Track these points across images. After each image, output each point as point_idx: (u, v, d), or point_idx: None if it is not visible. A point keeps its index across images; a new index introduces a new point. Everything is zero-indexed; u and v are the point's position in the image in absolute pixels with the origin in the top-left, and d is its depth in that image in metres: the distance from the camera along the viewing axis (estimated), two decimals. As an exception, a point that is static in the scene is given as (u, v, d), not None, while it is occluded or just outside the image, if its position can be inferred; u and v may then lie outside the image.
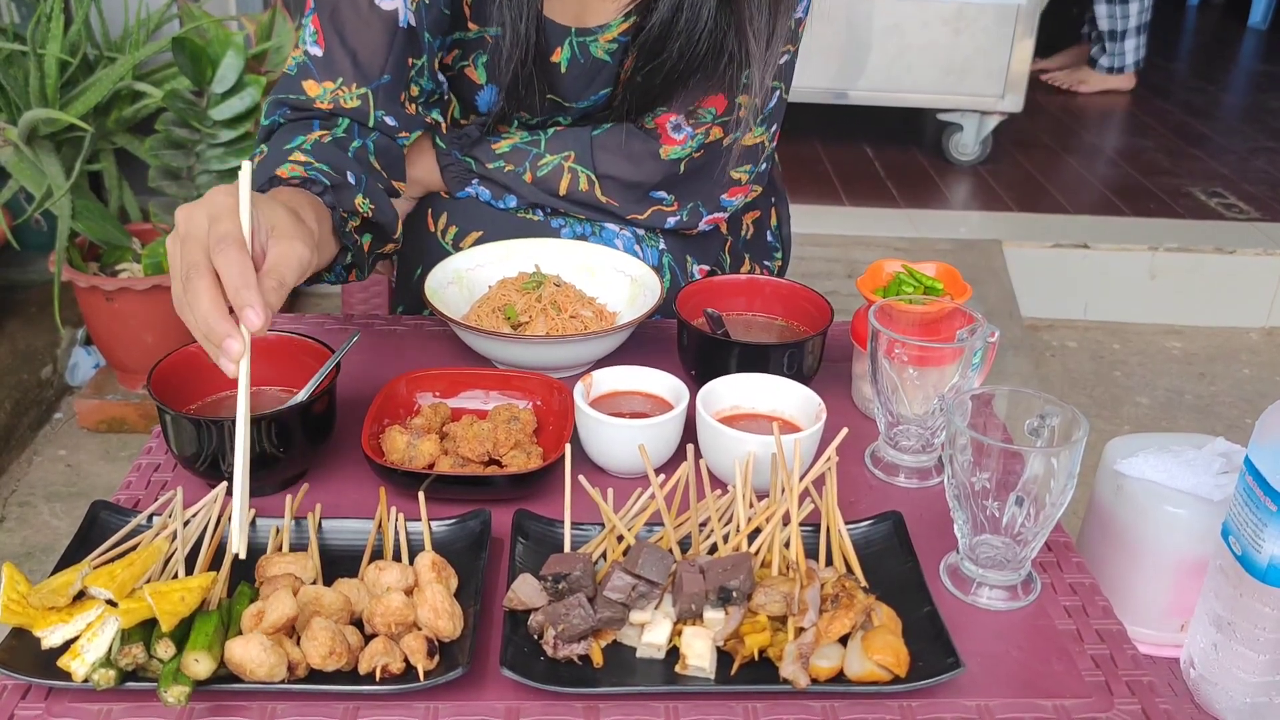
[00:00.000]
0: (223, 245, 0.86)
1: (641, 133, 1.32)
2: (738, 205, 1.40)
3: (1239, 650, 0.94)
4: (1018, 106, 3.60)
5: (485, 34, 1.25)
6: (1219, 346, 3.13)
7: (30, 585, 0.81)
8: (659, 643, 0.82)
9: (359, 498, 1.01)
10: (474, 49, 1.27)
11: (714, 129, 1.32)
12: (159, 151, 2.39)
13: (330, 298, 3.06)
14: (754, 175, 1.38)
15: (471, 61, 1.28)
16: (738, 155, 1.35)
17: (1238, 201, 3.55)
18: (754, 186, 1.40)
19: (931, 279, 1.18)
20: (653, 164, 1.32)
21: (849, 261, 3.08)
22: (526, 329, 1.20)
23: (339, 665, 0.79)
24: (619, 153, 1.32)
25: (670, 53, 1.22)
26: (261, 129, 1.23)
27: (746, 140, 1.35)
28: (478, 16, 1.25)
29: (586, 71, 1.29)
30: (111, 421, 2.57)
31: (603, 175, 1.32)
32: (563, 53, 1.27)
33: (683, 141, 1.31)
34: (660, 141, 1.31)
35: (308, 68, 1.20)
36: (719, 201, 1.38)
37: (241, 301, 0.84)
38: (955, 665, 0.80)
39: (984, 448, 0.86)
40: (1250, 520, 0.91)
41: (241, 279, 0.85)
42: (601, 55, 1.28)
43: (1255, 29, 6.01)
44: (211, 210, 0.88)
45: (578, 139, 1.32)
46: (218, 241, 0.86)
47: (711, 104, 1.30)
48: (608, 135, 1.32)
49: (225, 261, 0.85)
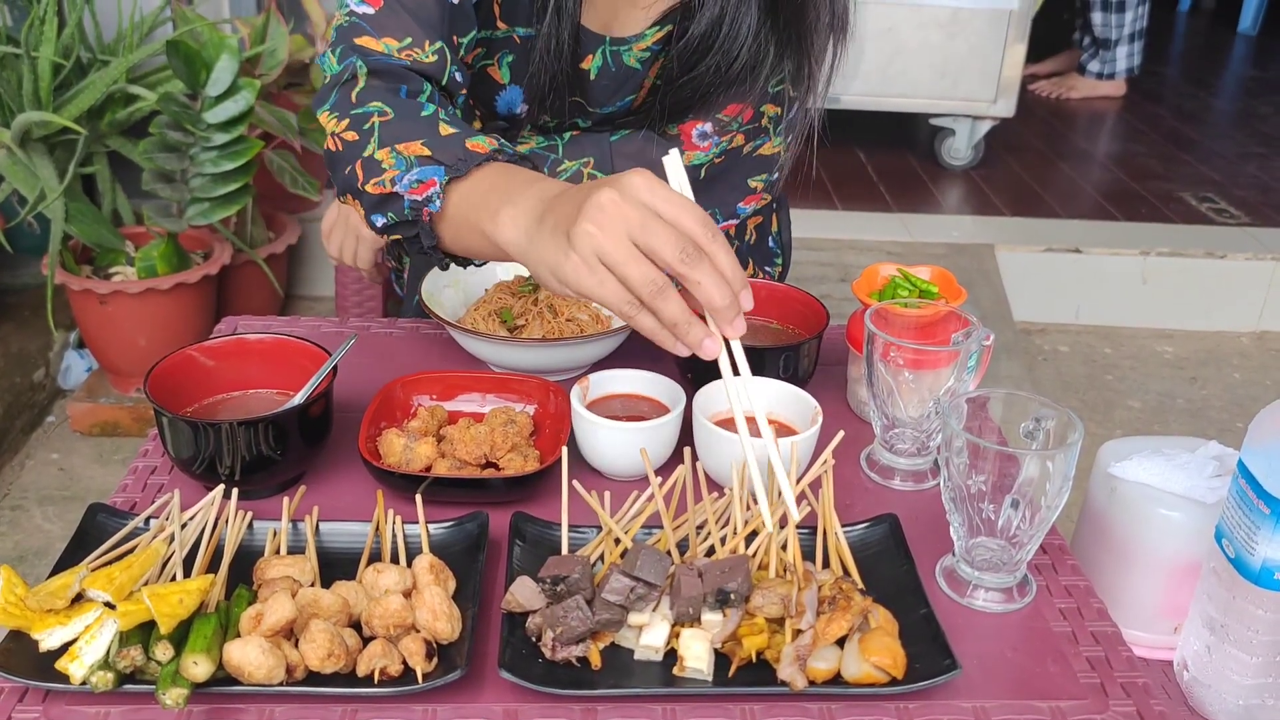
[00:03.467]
0: (718, 238, 0.84)
1: (661, 139, 1.29)
2: (749, 213, 1.40)
3: (1232, 653, 0.94)
4: (1010, 111, 3.61)
5: (514, 33, 1.22)
6: (1210, 350, 3.15)
7: (28, 587, 0.81)
8: (657, 645, 0.83)
9: (356, 500, 1.01)
10: (500, 48, 1.24)
11: (737, 136, 1.30)
12: (153, 154, 2.39)
13: (325, 300, 3.06)
14: (768, 184, 1.38)
15: (496, 61, 1.25)
16: (755, 164, 1.34)
17: (1228, 206, 3.57)
18: (765, 195, 1.39)
19: (926, 282, 1.18)
20: None
21: (842, 265, 3.09)
22: (523, 332, 1.20)
23: (337, 667, 0.79)
24: (639, 159, 1.28)
25: (708, 66, 1.19)
26: (331, 77, 1.12)
27: (765, 149, 1.34)
28: (507, 16, 1.21)
29: (616, 79, 1.27)
30: (104, 425, 2.56)
31: None
32: (594, 61, 1.24)
33: (706, 149, 1.29)
34: (683, 148, 1.29)
35: (359, 26, 1.11)
36: (735, 209, 1.37)
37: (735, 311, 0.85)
38: (952, 667, 0.81)
39: (980, 450, 0.87)
40: (1243, 523, 0.91)
41: (739, 277, 0.84)
42: (633, 64, 1.25)
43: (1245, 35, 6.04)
44: (670, 196, 0.84)
45: (596, 145, 1.29)
46: (714, 236, 0.83)
47: (736, 111, 1.28)
48: (626, 142, 1.29)
49: (727, 258, 0.84)
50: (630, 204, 0.82)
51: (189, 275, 2.48)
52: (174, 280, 2.46)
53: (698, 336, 0.85)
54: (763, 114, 1.29)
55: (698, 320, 0.85)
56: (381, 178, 1.02)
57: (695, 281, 0.83)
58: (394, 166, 1.02)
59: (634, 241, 0.82)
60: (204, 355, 1.07)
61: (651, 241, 0.82)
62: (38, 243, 2.67)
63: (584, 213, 0.83)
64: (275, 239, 2.82)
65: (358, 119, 1.06)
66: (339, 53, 1.12)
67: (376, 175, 1.03)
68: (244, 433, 0.95)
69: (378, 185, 1.03)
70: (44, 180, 2.39)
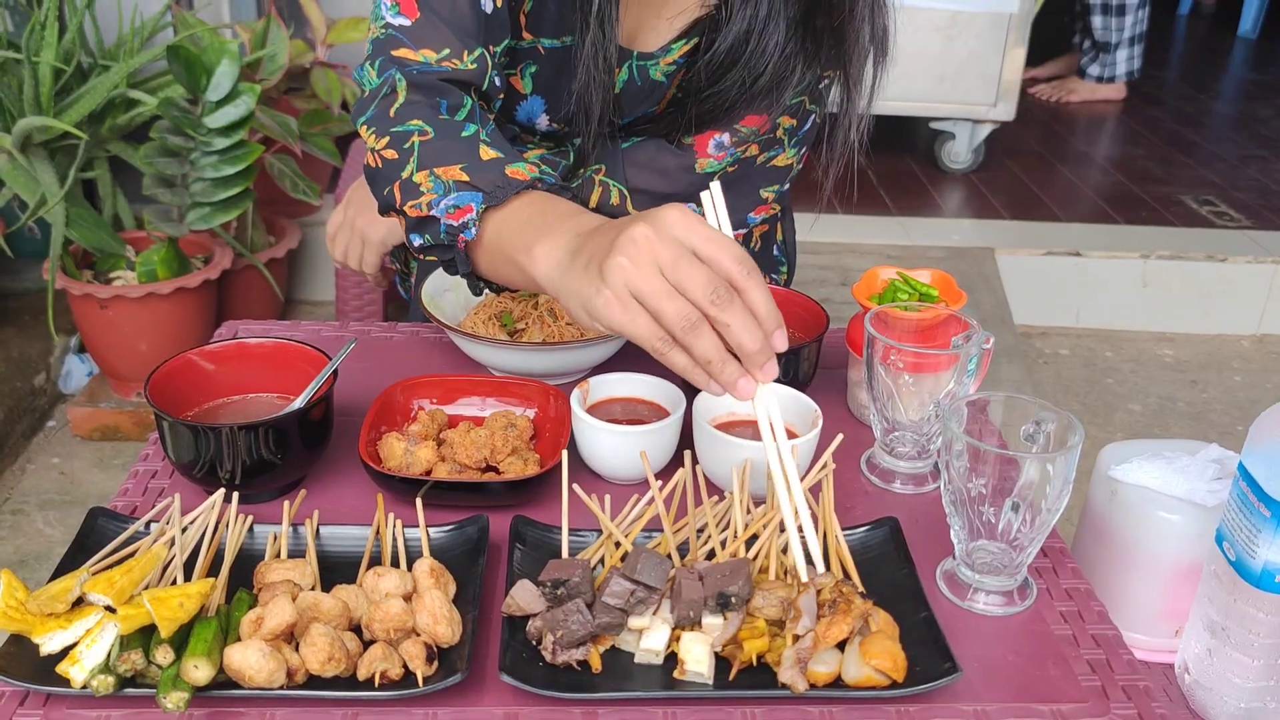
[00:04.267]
0: (754, 276, 0.82)
1: (671, 147, 1.29)
2: (757, 222, 1.40)
3: (1233, 655, 0.94)
4: (1010, 115, 3.61)
5: (539, 44, 1.21)
6: (1210, 353, 3.15)
7: (28, 591, 0.81)
8: (657, 648, 0.83)
9: (357, 504, 1.01)
10: (525, 58, 1.23)
11: (751, 146, 1.30)
12: (153, 159, 2.39)
13: (326, 305, 3.06)
14: (778, 194, 1.38)
15: (519, 71, 1.24)
16: (768, 174, 1.34)
17: (1229, 209, 3.57)
18: (775, 205, 1.39)
19: (926, 286, 1.18)
20: (685, 177, 1.29)
21: (842, 269, 3.09)
22: (523, 336, 1.21)
23: (338, 671, 0.79)
24: (650, 167, 1.28)
25: (733, 80, 1.19)
26: (369, 90, 1.12)
27: (779, 160, 1.34)
28: (533, 26, 1.20)
29: (640, 92, 1.26)
30: (105, 429, 2.56)
31: (635, 189, 1.29)
32: (620, 74, 1.23)
33: (720, 158, 1.28)
34: (696, 156, 1.28)
35: (396, 38, 1.10)
36: (745, 218, 1.37)
37: (765, 356, 0.83)
38: (952, 670, 0.80)
39: (980, 454, 0.87)
40: (1244, 526, 0.91)
41: (774, 317, 0.83)
42: (659, 78, 1.24)
43: (1245, 38, 6.04)
44: (707, 233, 0.83)
45: (609, 154, 1.28)
46: (749, 274, 0.82)
47: (754, 122, 1.27)
48: (637, 149, 1.28)
49: (762, 296, 0.82)
50: (664, 240, 0.82)
51: (189, 280, 2.48)
52: (174, 285, 2.46)
53: (732, 376, 0.83)
54: (778, 125, 1.30)
55: (732, 359, 0.83)
56: (419, 200, 1.03)
57: (725, 324, 0.81)
58: (432, 190, 1.02)
59: (666, 278, 0.82)
60: (204, 359, 1.07)
61: (683, 279, 0.81)
62: (39, 247, 2.67)
63: (617, 246, 0.82)
64: (276, 243, 2.82)
65: (398, 137, 1.06)
66: (378, 65, 1.11)
67: (414, 198, 1.03)
68: (244, 437, 0.95)
69: (415, 208, 1.03)
70: (45, 185, 2.39)
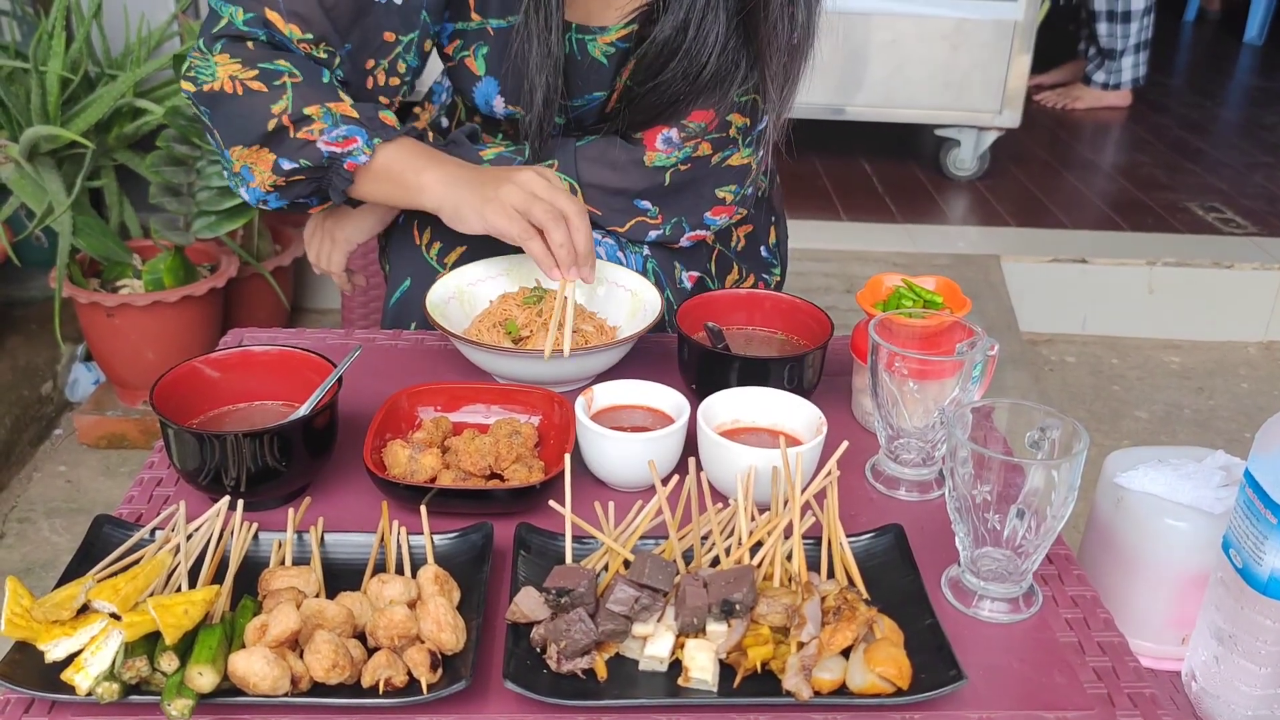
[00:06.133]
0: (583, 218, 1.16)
1: (624, 141, 1.33)
2: (721, 225, 1.40)
3: (1240, 663, 0.94)
4: (1015, 122, 3.61)
5: (488, 25, 1.26)
6: (1217, 360, 3.14)
7: (34, 599, 0.81)
8: (662, 655, 0.83)
9: (361, 512, 1.01)
10: (475, 40, 1.28)
11: (703, 144, 1.32)
12: (160, 168, 2.40)
13: (331, 313, 3.07)
14: (739, 197, 1.39)
15: (472, 52, 1.29)
16: (724, 174, 1.35)
17: (1235, 216, 3.56)
18: (739, 209, 1.40)
19: (931, 293, 1.18)
20: (636, 171, 1.32)
21: (847, 276, 3.08)
22: (527, 344, 1.21)
23: (342, 678, 0.79)
24: (601, 160, 1.32)
25: (674, 72, 1.22)
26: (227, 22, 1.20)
27: (734, 160, 1.35)
28: (481, 7, 1.25)
29: (581, 70, 1.29)
30: (111, 437, 2.56)
31: (586, 184, 1.32)
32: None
33: (669, 153, 1.31)
34: (645, 150, 1.32)
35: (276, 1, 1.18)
36: (703, 219, 1.38)
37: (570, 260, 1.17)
38: (958, 677, 0.80)
39: (985, 460, 0.87)
40: (1251, 533, 0.91)
41: (587, 252, 1.18)
42: (598, 56, 1.28)
43: (1251, 45, 6.03)
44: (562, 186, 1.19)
45: (562, 149, 1.33)
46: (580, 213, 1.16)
47: (701, 118, 1.30)
48: (591, 145, 1.33)
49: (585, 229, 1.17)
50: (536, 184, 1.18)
51: (196, 288, 2.49)
52: (181, 293, 2.46)
53: (568, 260, 1.17)
54: (730, 124, 1.31)
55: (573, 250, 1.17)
56: (311, 128, 1.20)
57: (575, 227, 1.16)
58: (322, 120, 1.19)
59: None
60: (210, 367, 1.07)
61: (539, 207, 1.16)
62: (45, 256, 2.68)
63: (507, 178, 1.18)
64: (281, 252, 2.83)
65: (267, 73, 1.19)
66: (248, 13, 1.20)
67: (307, 125, 1.20)
68: (249, 444, 0.95)
69: (307, 133, 1.20)
70: (52, 194, 2.40)
